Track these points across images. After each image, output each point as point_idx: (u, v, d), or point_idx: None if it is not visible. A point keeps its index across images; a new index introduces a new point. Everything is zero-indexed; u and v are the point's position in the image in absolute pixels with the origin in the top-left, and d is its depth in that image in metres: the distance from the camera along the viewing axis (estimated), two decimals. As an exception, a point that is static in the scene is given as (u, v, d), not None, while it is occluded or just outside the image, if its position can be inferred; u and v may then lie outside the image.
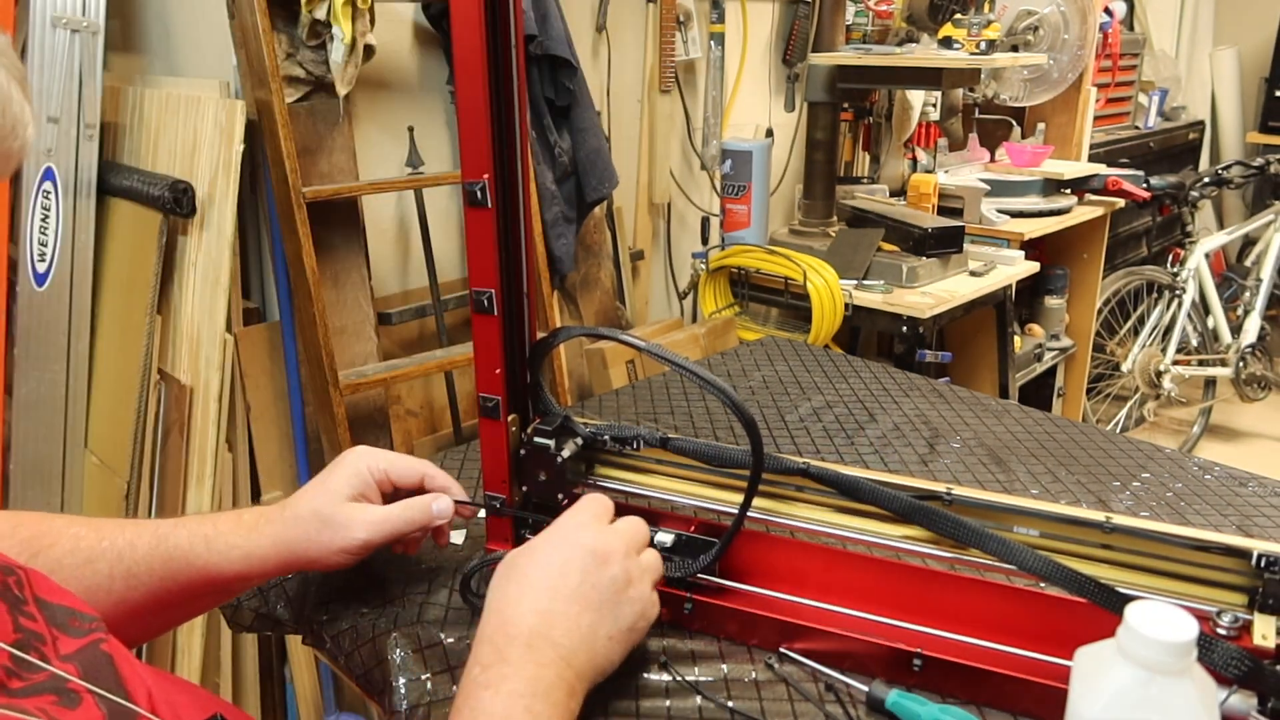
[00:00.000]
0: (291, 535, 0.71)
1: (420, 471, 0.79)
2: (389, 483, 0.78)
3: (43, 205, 1.54)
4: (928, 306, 2.14)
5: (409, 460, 0.79)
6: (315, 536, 0.72)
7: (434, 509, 0.77)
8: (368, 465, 0.76)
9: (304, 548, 0.72)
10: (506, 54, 0.71)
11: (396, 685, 0.77)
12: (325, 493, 0.74)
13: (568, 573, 0.64)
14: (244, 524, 0.71)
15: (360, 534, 0.72)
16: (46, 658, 0.49)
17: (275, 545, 0.71)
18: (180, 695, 0.58)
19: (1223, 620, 0.65)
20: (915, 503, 0.73)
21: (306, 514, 0.72)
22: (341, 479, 0.75)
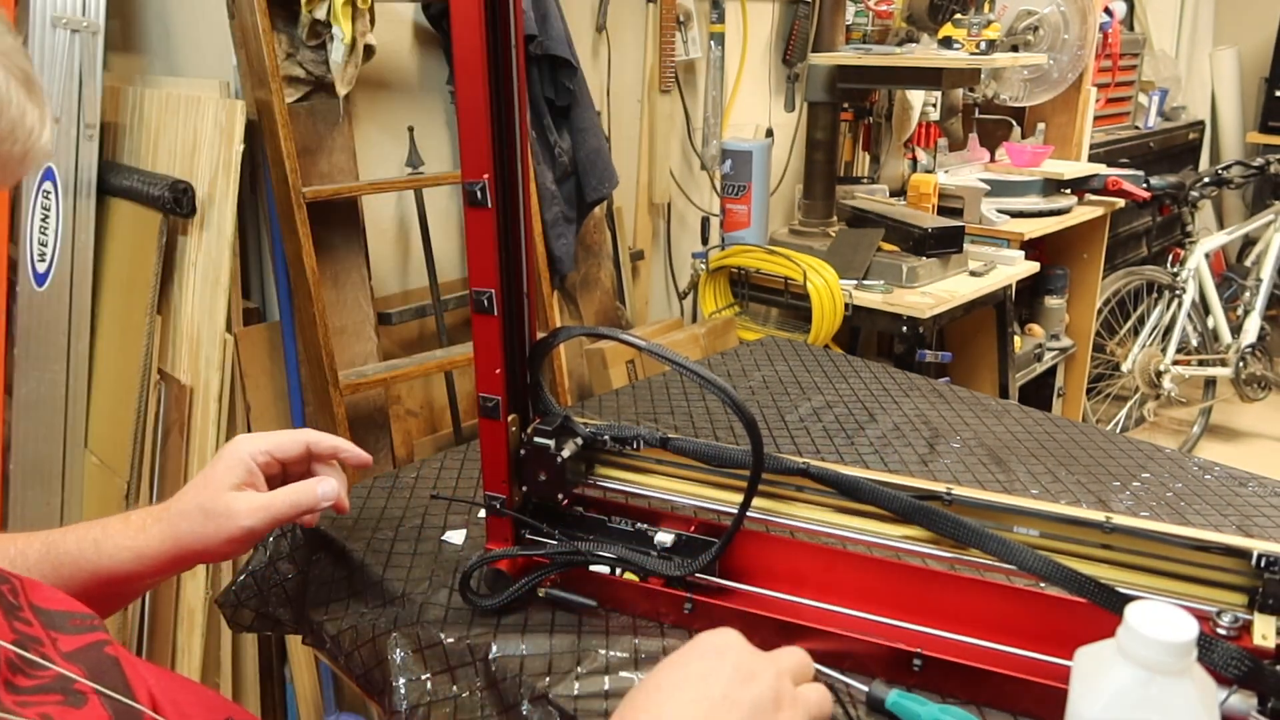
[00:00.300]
0: (178, 531, 0.72)
1: (303, 442, 0.78)
2: (275, 463, 0.77)
3: (43, 205, 1.54)
4: (928, 306, 2.14)
5: (289, 435, 0.78)
6: (200, 530, 0.72)
7: (319, 492, 0.76)
8: (249, 451, 0.75)
9: (190, 541, 0.72)
10: (506, 54, 0.71)
11: (396, 685, 0.77)
12: (208, 486, 0.73)
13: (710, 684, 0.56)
14: (132, 524, 0.72)
15: (245, 522, 0.72)
16: (48, 658, 0.49)
17: (163, 542, 0.71)
18: (184, 695, 0.58)
19: (1223, 620, 0.65)
20: (915, 503, 0.73)
21: (191, 508, 0.72)
22: (224, 470, 0.74)
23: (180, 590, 1.62)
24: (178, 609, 1.62)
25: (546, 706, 0.72)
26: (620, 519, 0.84)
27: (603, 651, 0.76)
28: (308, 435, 0.79)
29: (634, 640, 0.77)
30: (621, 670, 0.74)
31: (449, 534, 0.95)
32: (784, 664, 0.60)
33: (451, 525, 0.96)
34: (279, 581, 0.99)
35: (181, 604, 1.62)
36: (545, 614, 0.81)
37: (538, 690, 0.72)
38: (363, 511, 1.00)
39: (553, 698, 0.71)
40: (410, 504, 1.01)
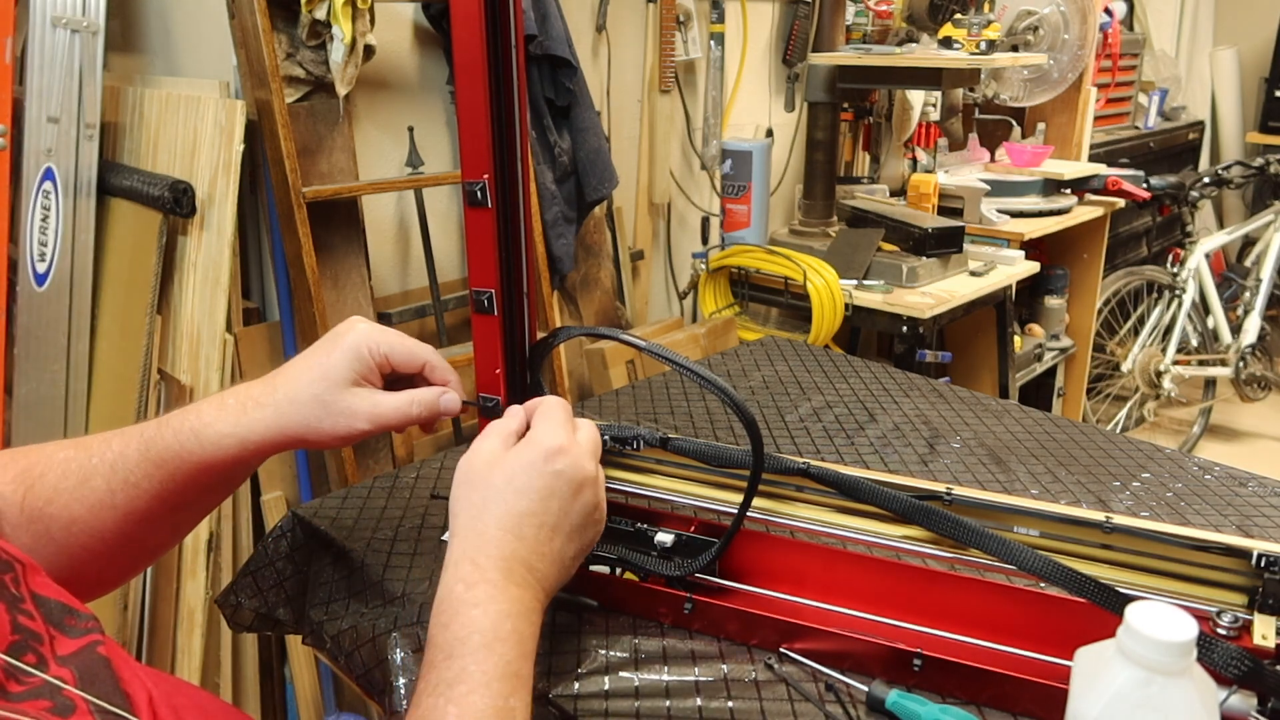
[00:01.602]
0: (288, 420, 0.68)
1: (422, 358, 0.74)
2: (389, 365, 0.73)
3: (43, 205, 1.54)
4: (928, 306, 2.14)
5: (410, 344, 0.74)
6: (316, 424, 0.68)
7: (442, 403, 0.73)
8: (369, 346, 0.71)
9: (301, 432, 0.68)
10: (506, 54, 0.71)
11: (396, 685, 0.77)
12: (325, 376, 0.69)
13: (548, 502, 0.64)
14: (229, 410, 0.68)
15: (362, 424, 0.69)
16: (45, 659, 0.49)
17: (269, 430, 0.68)
18: (184, 698, 0.58)
19: (1223, 620, 0.65)
20: (915, 503, 0.73)
21: (305, 398, 0.68)
22: (342, 361, 0.70)
23: (180, 590, 1.62)
24: (178, 609, 1.63)
25: (546, 706, 0.72)
26: (620, 519, 0.84)
27: (603, 651, 0.76)
28: (427, 354, 0.74)
29: (634, 640, 0.77)
30: (621, 670, 0.74)
31: (449, 534, 0.95)
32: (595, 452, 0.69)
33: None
34: (279, 581, 0.99)
35: (181, 604, 1.62)
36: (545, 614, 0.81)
37: (538, 690, 0.72)
38: (363, 511, 1.00)
39: (553, 698, 0.72)
40: (410, 504, 1.01)
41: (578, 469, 0.66)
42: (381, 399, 0.71)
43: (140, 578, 1.64)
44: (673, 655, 0.76)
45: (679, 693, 0.72)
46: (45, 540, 0.64)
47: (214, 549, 1.61)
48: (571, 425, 0.69)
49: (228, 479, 0.71)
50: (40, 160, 1.53)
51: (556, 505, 0.64)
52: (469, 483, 0.65)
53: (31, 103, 1.50)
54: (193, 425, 0.67)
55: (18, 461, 0.66)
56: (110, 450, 0.66)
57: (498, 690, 0.55)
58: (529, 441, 0.66)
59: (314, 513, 0.99)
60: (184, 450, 0.66)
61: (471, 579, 0.60)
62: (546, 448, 0.65)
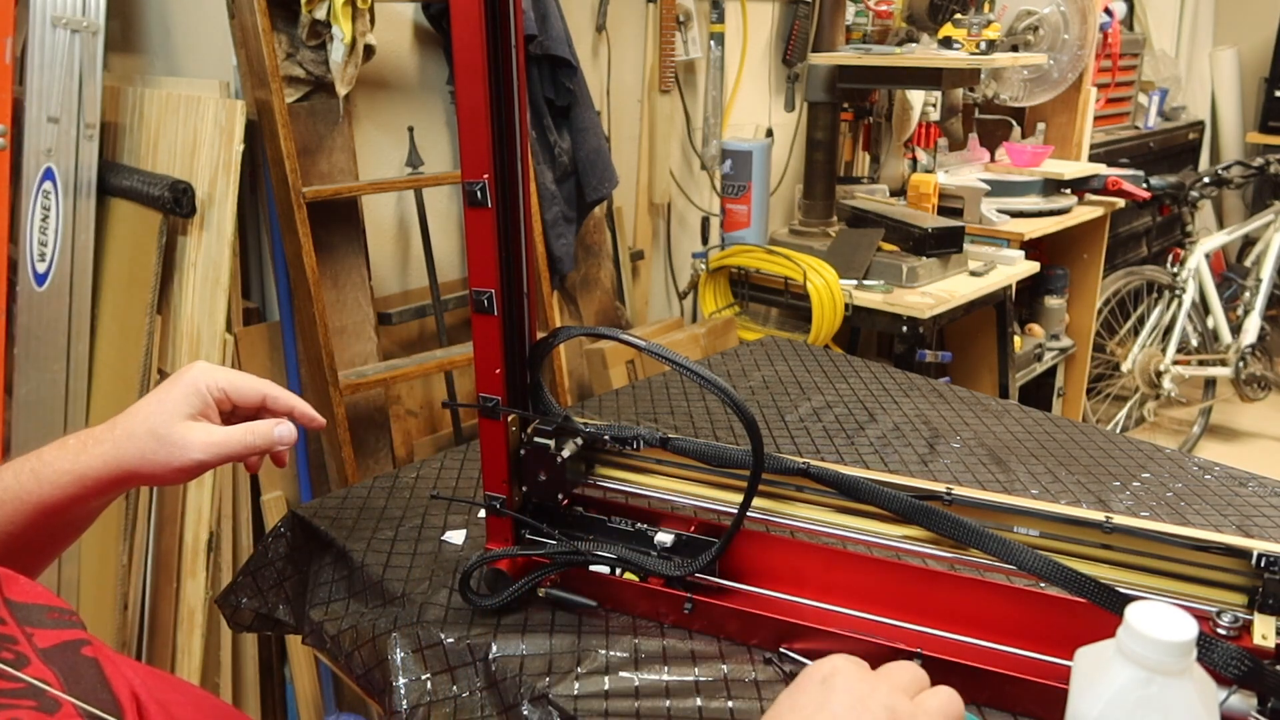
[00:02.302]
0: (124, 454, 0.69)
1: (261, 392, 0.76)
2: (228, 401, 0.75)
3: (43, 205, 1.54)
4: (928, 306, 2.14)
5: (249, 379, 0.76)
6: (150, 456, 0.69)
7: (276, 434, 0.74)
8: (206, 384, 0.73)
9: (137, 465, 0.69)
10: (506, 54, 0.71)
11: (396, 685, 0.77)
12: (161, 410, 0.71)
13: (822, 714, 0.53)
14: (69, 449, 0.70)
15: (196, 455, 0.70)
16: (24, 656, 0.48)
17: (107, 464, 0.69)
18: (174, 694, 0.58)
19: (1223, 620, 0.65)
20: (915, 503, 0.73)
21: (141, 432, 0.70)
22: (179, 396, 0.71)
23: (180, 590, 1.62)
24: (178, 609, 1.63)
25: (546, 706, 0.72)
26: (620, 519, 0.84)
27: (603, 651, 0.76)
28: (266, 388, 0.76)
29: (634, 640, 0.77)
30: (621, 670, 0.74)
31: (449, 534, 0.95)
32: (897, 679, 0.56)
33: (451, 525, 0.97)
34: (279, 581, 0.99)
35: (181, 604, 1.62)
36: (545, 614, 0.81)
37: (538, 690, 0.72)
38: (363, 511, 1.00)
39: (553, 698, 0.72)
40: (410, 504, 1.01)
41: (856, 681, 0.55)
42: (216, 430, 0.72)
43: (140, 577, 1.64)
44: (673, 655, 0.76)
45: (679, 693, 0.72)
46: None
47: (214, 549, 1.61)
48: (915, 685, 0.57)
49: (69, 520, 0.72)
50: (40, 160, 1.53)
51: None
52: None
53: (31, 103, 1.50)
54: (33, 466, 0.69)
55: None
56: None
57: None
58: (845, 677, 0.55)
59: (314, 513, 0.99)
60: (23, 490, 0.68)
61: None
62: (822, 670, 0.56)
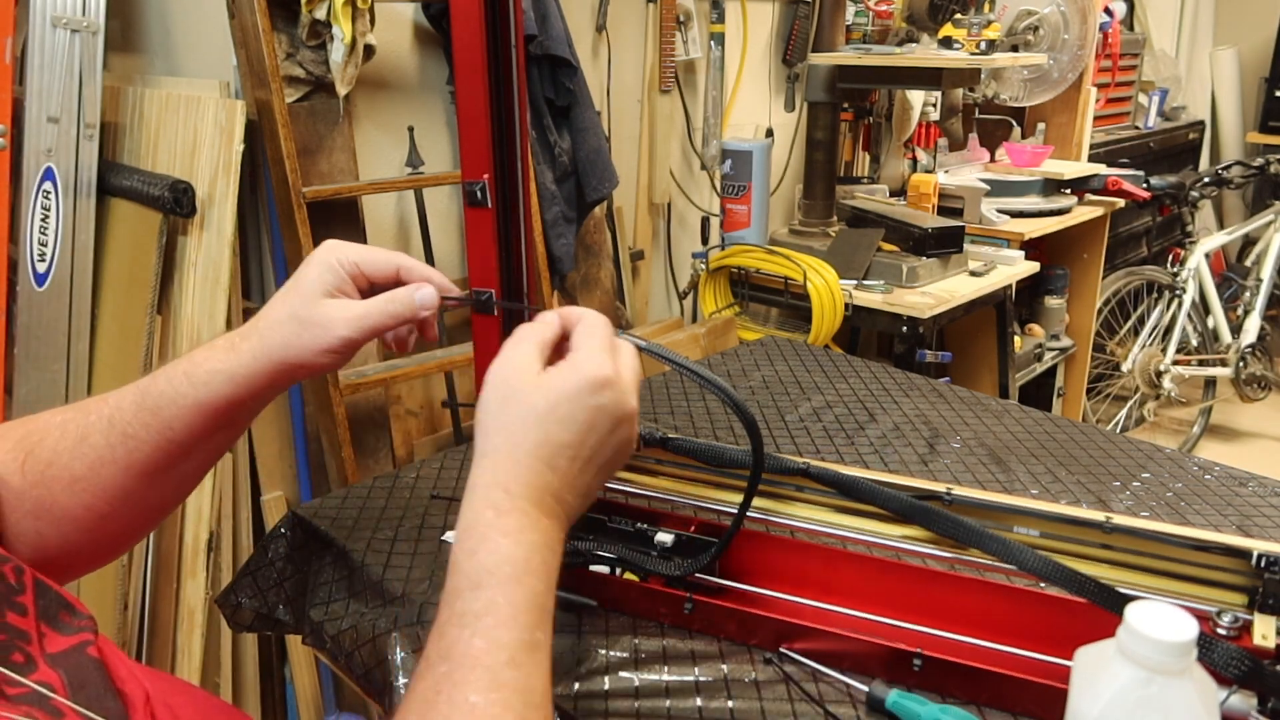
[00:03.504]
0: (270, 344, 0.68)
1: (395, 263, 0.73)
2: (363, 277, 0.72)
3: (43, 205, 1.54)
4: (928, 306, 2.14)
5: (382, 252, 0.73)
6: (295, 340, 0.68)
7: (417, 299, 0.71)
8: (338, 259, 0.70)
9: (285, 354, 0.68)
10: (506, 54, 0.71)
11: (396, 685, 0.77)
12: (298, 294, 0.69)
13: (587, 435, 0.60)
14: (218, 348, 0.68)
15: (341, 331, 0.68)
16: (32, 658, 0.48)
17: (257, 358, 0.67)
18: (182, 698, 0.58)
19: (1223, 620, 0.65)
20: (915, 503, 0.73)
21: (283, 318, 0.68)
22: (313, 277, 0.69)
23: (180, 590, 1.62)
24: (178, 609, 1.63)
25: (546, 706, 0.72)
26: (620, 519, 0.84)
27: (603, 651, 0.76)
28: (400, 258, 0.73)
29: (634, 640, 0.77)
30: (621, 670, 0.74)
31: (449, 534, 0.95)
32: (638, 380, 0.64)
33: (451, 525, 0.96)
34: (279, 581, 0.99)
35: (181, 604, 1.62)
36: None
37: (538, 690, 0.72)
38: (363, 511, 1.00)
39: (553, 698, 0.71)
40: (410, 504, 1.01)
41: (622, 404, 0.61)
42: (356, 304, 0.70)
43: (140, 577, 1.64)
44: (673, 655, 0.76)
45: (679, 693, 0.72)
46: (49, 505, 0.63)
47: (214, 549, 1.61)
48: (615, 351, 0.64)
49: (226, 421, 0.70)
50: (40, 160, 1.53)
51: (595, 440, 0.60)
52: (505, 399, 0.61)
53: (31, 103, 1.50)
54: (184, 368, 0.67)
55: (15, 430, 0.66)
56: (107, 405, 0.66)
57: (524, 623, 0.54)
58: (573, 365, 0.61)
59: (314, 513, 0.99)
60: (177, 394, 0.66)
61: (503, 506, 0.57)
62: (592, 377, 0.60)
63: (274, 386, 0.69)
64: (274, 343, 0.67)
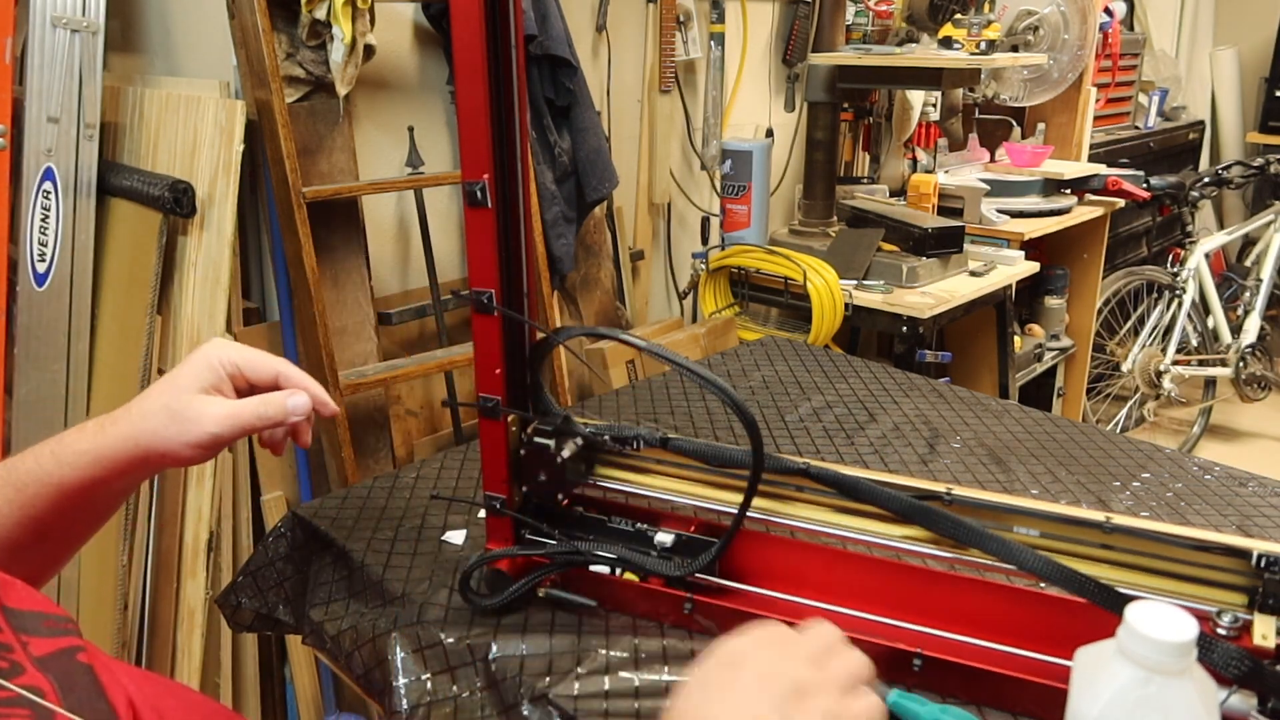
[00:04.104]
0: (139, 431, 0.69)
1: (275, 369, 0.75)
2: (242, 378, 0.74)
3: (43, 205, 1.54)
4: (928, 306, 2.14)
5: (263, 356, 0.75)
6: (163, 431, 0.69)
7: (289, 404, 0.73)
8: (219, 358, 0.72)
9: (153, 442, 0.69)
10: (506, 54, 0.71)
11: (396, 685, 0.77)
12: (174, 387, 0.71)
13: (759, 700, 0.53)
14: (88, 430, 0.70)
15: (210, 427, 0.70)
16: (18, 664, 0.48)
17: (124, 442, 0.69)
18: (172, 700, 0.58)
19: (1223, 620, 0.65)
20: (915, 503, 0.73)
21: (155, 408, 0.70)
22: (191, 372, 0.71)
23: (180, 590, 1.62)
24: (178, 609, 1.62)
25: (546, 706, 0.72)
26: (620, 519, 0.84)
27: (603, 651, 0.76)
28: (280, 365, 0.76)
29: (634, 640, 0.77)
30: (621, 670, 0.74)
31: (449, 534, 0.95)
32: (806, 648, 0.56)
33: (451, 525, 0.97)
34: (279, 581, 0.99)
35: (181, 604, 1.62)
36: (545, 614, 0.81)
37: (538, 690, 0.72)
38: (363, 511, 1.00)
39: (553, 698, 0.72)
40: (410, 504, 1.01)
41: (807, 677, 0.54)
42: (229, 402, 0.72)
43: (140, 577, 1.64)
44: (673, 655, 0.76)
45: (679, 693, 0.72)
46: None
47: (214, 549, 1.61)
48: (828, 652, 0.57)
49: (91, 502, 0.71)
50: (40, 160, 1.53)
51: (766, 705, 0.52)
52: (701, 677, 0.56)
53: (31, 103, 1.50)
54: (52, 448, 0.69)
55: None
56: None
57: None
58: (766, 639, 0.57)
59: (314, 513, 0.99)
60: (43, 472, 0.67)
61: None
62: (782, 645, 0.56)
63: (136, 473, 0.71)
64: (144, 430, 0.69)
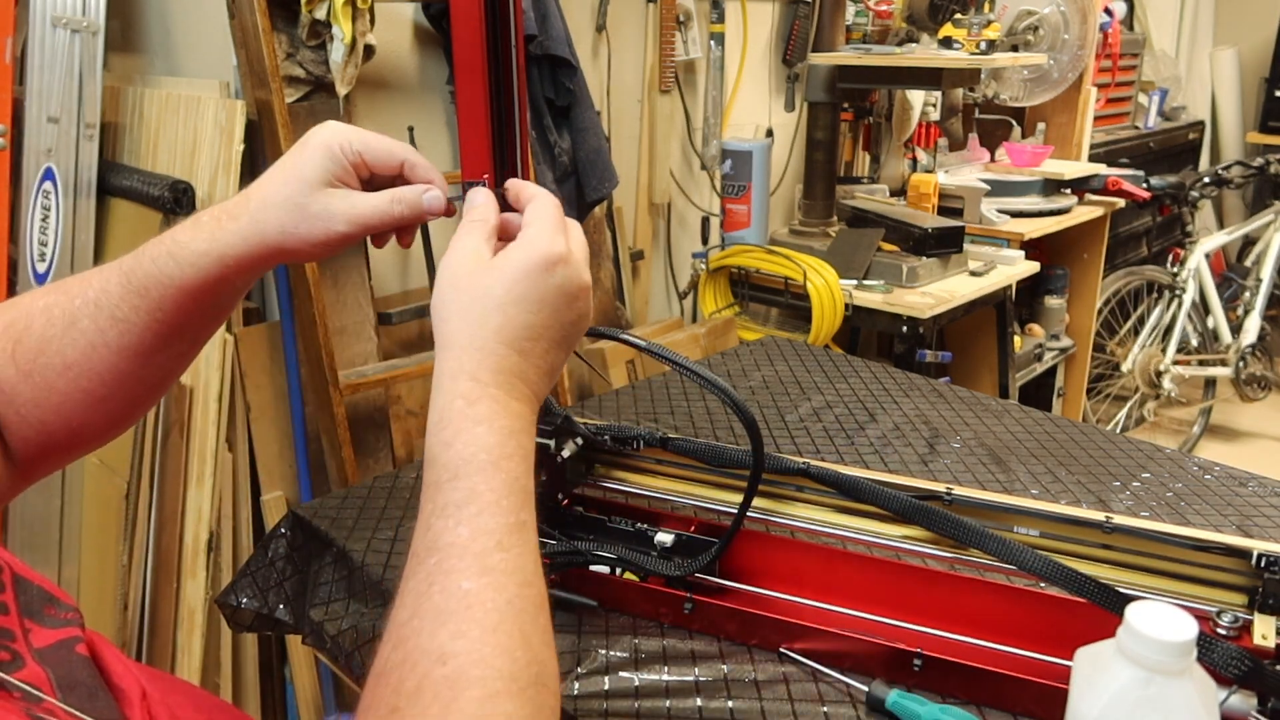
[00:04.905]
0: (264, 228, 0.64)
1: (399, 156, 0.70)
2: (364, 166, 0.68)
3: (43, 205, 1.54)
4: (928, 306, 2.14)
5: (386, 142, 0.69)
6: (292, 229, 0.64)
7: (425, 201, 0.69)
8: (340, 144, 0.66)
9: (279, 240, 0.64)
10: (506, 54, 0.71)
11: (396, 685, 0.77)
12: (298, 178, 0.65)
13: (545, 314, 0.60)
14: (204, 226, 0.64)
15: (339, 227, 0.65)
16: (19, 655, 0.48)
17: (247, 240, 0.64)
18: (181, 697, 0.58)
19: (1223, 620, 0.65)
20: (915, 503, 0.73)
21: (278, 200, 0.64)
22: (313, 161, 0.65)
23: (180, 590, 1.62)
24: (178, 609, 1.62)
25: (546, 706, 0.72)
26: (620, 519, 0.84)
27: (603, 651, 0.76)
28: (404, 152, 0.70)
29: (634, 640, 0.77)
30: (621, 670, 0.74)
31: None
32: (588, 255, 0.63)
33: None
34: (279, 581, 0.99)
35: (181, 604, 1.62)
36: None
37: (538, 690, 0.72)
38: (363, 511, 1.00)
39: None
40: (410, 504, 1.01)
41: (576, 279, 0.61)
42: (359, 198, 0.67)
43: (140, 577, 1.64)
44: (673, 655, 0.76)
45: (679, 693, 0.72)
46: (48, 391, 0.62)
47: (214, 549, 1.61)
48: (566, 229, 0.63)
49: (215, 301, 0.67)
50: (40, 160, 1.53)
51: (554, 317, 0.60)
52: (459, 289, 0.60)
53: (31, 103, 1.50)
54: (168, 248, 0.64)
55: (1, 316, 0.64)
56: (91, 287, 0.64)
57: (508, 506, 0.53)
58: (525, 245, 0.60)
59: (314, 513, 0.99)
60: (163, 275, 0.63)
61: (473, 395, 0.57)
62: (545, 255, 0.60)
63: (259, 268, 0.66)
64: (268, 226, 0.64)
